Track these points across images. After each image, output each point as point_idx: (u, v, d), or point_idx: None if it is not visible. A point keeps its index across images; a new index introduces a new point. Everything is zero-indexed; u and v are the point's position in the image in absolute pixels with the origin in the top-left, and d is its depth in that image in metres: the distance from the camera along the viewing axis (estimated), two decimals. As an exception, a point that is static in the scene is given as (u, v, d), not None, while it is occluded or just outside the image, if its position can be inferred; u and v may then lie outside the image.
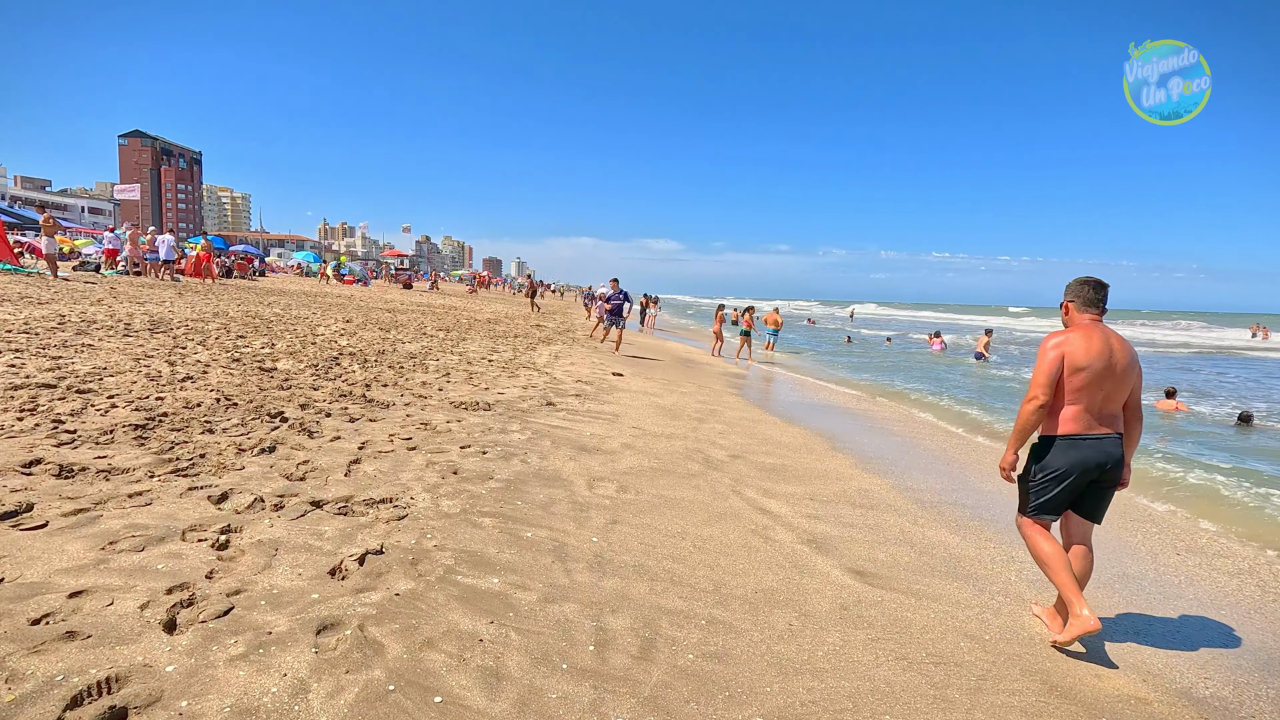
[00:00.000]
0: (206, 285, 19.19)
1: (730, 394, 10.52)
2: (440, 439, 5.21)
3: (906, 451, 7.30)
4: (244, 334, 9.30)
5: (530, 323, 20.33)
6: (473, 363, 9.69)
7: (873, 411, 10.07)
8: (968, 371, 17.54)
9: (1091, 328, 2.96)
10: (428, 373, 8.27)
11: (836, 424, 8.73)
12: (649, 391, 9.49)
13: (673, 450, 6.04)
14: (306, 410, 5.49)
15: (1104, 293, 3.04)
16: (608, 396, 8.47)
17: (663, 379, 11.19)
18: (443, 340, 12.16)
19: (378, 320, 14.42)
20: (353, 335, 11.00)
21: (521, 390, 7.98)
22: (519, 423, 6.18)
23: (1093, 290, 3.04)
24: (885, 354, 22.26)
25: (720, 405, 9.13)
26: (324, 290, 25.71)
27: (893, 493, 5.47)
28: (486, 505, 3.87)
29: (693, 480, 5.12)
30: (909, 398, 11.93)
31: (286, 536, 3.07)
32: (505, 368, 9.62)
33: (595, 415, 7.12)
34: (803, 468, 6.07)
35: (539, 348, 13.21)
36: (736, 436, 7.11)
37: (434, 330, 13.84)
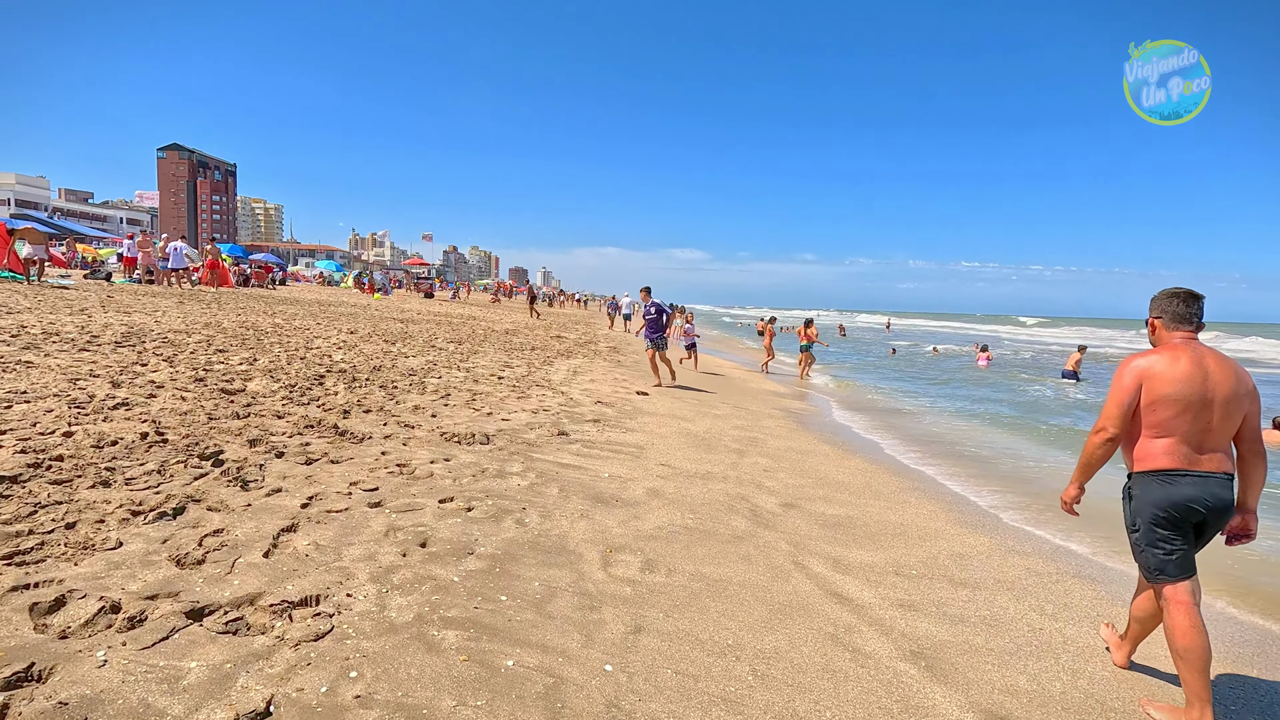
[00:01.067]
0: (214, 294, 18.51)
1: (771, 417, 9.27)
2: (416, 488, 4.07)
3: (1012, 498, 5.98)
4: (226, 347, 8.33)
5: (550, 334, 19.28)
6: (479, 380, 8.60)
7: (946, 437, 8.73)
8: (1056, 393, 15.09)
9: (1182, 348, 2.56)
10: (424, 394, 7.19)
11: (903, 455, 7.42)
12: (678, 414, 8.30)
13: (710, 498, 4.84)
14: (256, 447, 4.40)
15: (1198, 306, 2.63)
16: (630, 422, 7.30)
17: (693, 398, 9.99)
18: (451, 354, 11.12)
19: (385, 331, 13.47)
20: (351, 349, 10.00)
21: (530, 416, 6.84)
22: (521, 461, 5.03)
23: (1183, 303, 2.63)
24: (938, 368, 20.59)
25: (761, 431, 7.90)
26: (341, 299, 25.02)
27: (1004, 560, 4.19)
28: (455, 604, 2.72)
29: (740, 546, 3.91)
30: (999, 421, 10.47)
31: (115, 686, 1.94)
32: (515, 387, 8.51)
33: (616, 448, 5.95)
34: (874, 521, 4.82)
35: (556, 362, 12.10)
36: (786, 475, 5.89)
37: (444, 342, 12.83)
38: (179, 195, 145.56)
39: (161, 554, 2.76)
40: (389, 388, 7.21)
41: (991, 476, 6.76)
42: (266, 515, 3.32)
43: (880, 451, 7.64)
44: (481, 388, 8.10)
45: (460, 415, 6.39)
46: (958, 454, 7.81)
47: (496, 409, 6.92)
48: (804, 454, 6.96)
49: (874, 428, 9.27)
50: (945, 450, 8.00)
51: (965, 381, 16.83)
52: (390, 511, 3.62)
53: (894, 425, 9.58)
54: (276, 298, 21.10)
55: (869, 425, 9.47)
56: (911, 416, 10.64)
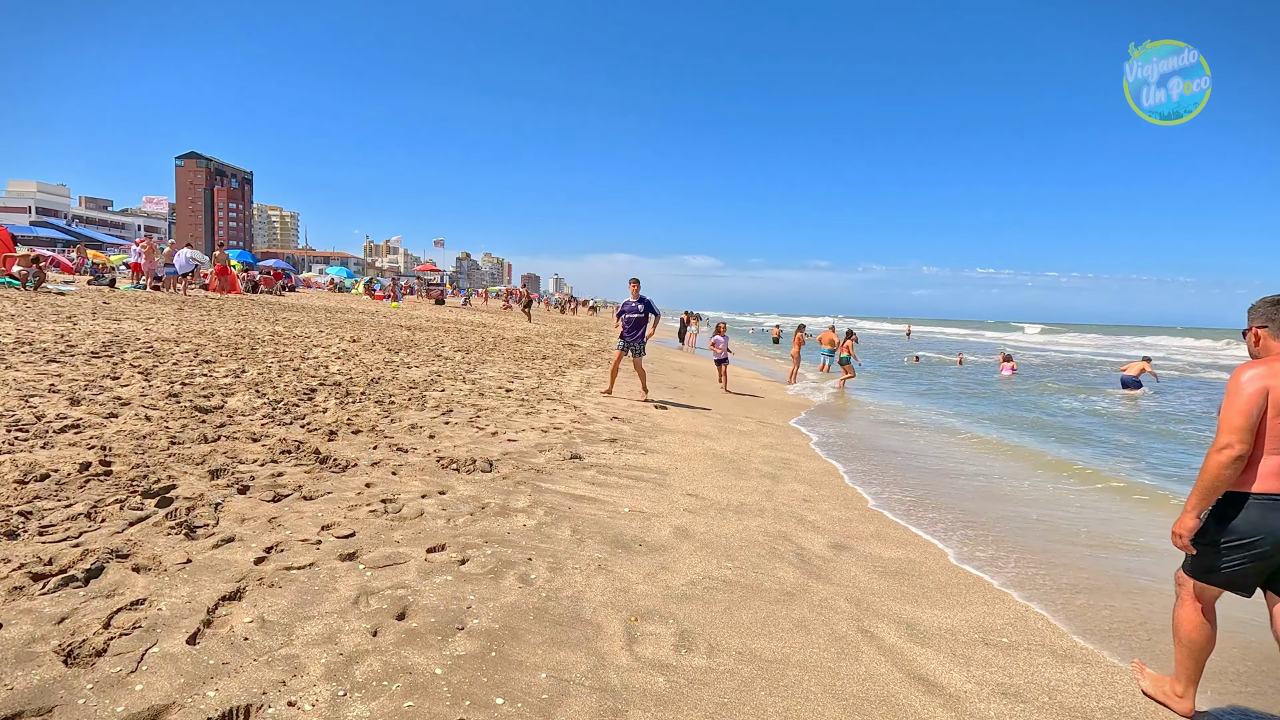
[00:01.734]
0: (218, 300, 18.06)
1: (800, 434, 8.54)
2: (402, 532, 3.40)
3: (1085, 535, 5.21)
4: (214, 358, 7.74)
5: (562, 341, 18.63)
6: (485, 394, 7.95)
7: (999, 469, 7.95)
8: (1112, 406, 14.11)
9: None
10: (424, 410, 6.54)
11: (965, 484, 6.66)
12: (701, 432, 7.60)
13: (748, 537, 4.14)
14: (217, 480, 3.76)
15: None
16: (650, 441, 6.61)
17: (715, 412, 9.29)
18: (458, 364, 10.49)
19: (391, 340, 12.87)
20: (351, 359, 9.39)
21: (540, 435, 6.17)
22: (529, 493, 4.36)
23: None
24: (965, 378, 19.68)
25: (791, 451, 7.17)
26: (350, 306, 24.55)
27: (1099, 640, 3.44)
28: (435, 712, 2.04)
29: (792, 606, 3.20)
30: (1044, 426, 9.69)
31: None
32: (524, 401, 7.84)
33: (635, 474, 5.25)
34: (939, 566, 4.09)
35: (568, 372, 11.44)
36: (828, 505, 5.17)
37: (451, 351, 12.21)
38: (196, 203, 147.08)
39: (51, 641, 2.10)
40: (385, 403, 6.57)
41: (1068, 513, 5.99)
42: (207, 576, 2.65)
43: (936, 480, 6.88)
44: (487, 402, 7.44)
45: (462, 436, 5.72)
46: (1033, 487, 7.04)
47: (503, 427, 6.26)
48: (844, 478, 6.23)
49: (917, 450, 8.50)
50: (1014, 482, 7.22)
51: (999, 396, 15.98)
52: (365, 567, 2.94)
53: (944, 445, 8.81)
54: (283, 304, 20.65)
55: (916, 446, 8.71)
56: (964, 436, 9.85)
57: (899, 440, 8.84)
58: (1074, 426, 11.03)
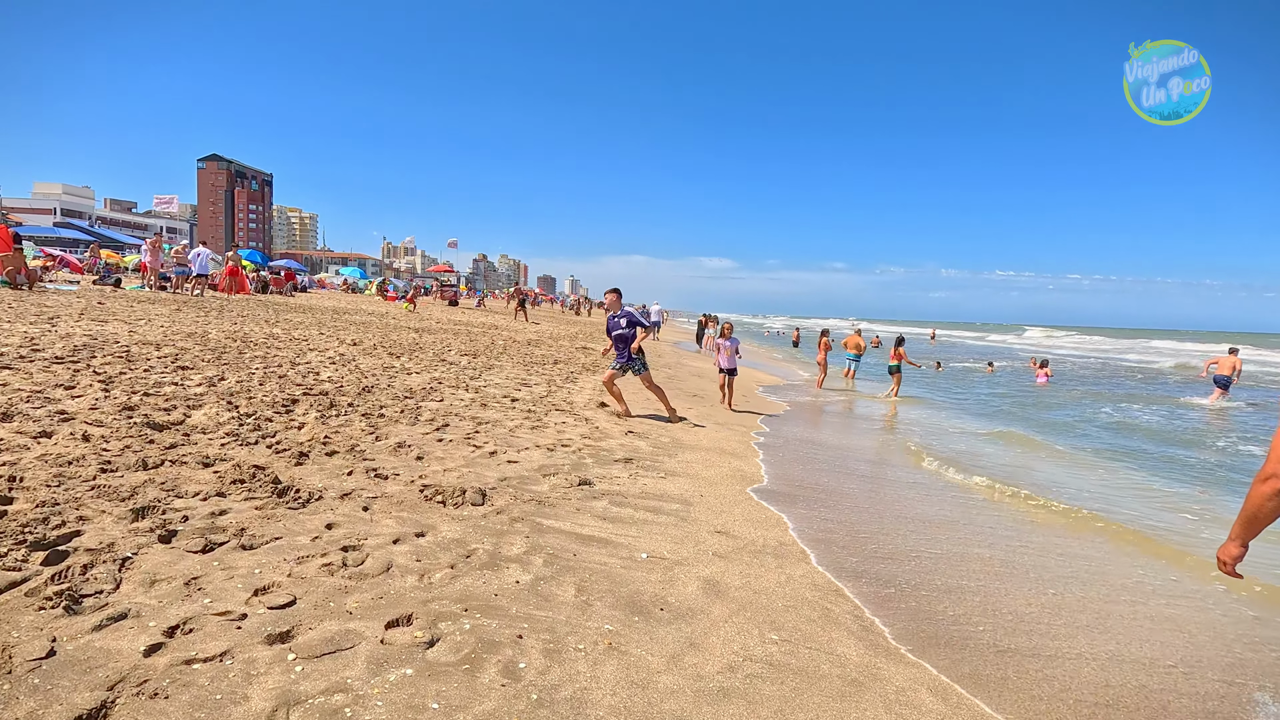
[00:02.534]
0: (223, 301, 17.56)
1: (841, 449, 7.71)
2: (358, 597, 2.66)
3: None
4: (194, 364, 7.09)
5: (576, 345, 17.90)
6: (488, 404, 7.22)
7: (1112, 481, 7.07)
8: (1198, 418, 12.92)
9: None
10: (416, 423, 5.82)
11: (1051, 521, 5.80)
12: (727, 449, 6.81)
13: (795, 592, 3.36)
14: (140, 521, 3.04)
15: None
16: (670, 461, 5.84)
17: (740, 425, 8.49)
18: (463, 369, 9.79)
19: (394, 343, 12.21)
20: (346, 364, 8.72)
21: (545, 454, 5.42)
22: (526, 533, 3.60)
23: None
24: (1003, 386, 18.38)
25: (833, 466, 6.36)
26: (360, 307, 24.02)
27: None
28: None
29: (860, 702, 2.42)
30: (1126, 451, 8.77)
31: None
32: (530, 412, 7.10)
33: (654, 504, 4.48)
34: (1060, 653, 3.27)
35: (581, 379, 10.69)
36: (892, 541, 4.36)
37: (458, 355, 11.52)
38: (217, 205, 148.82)
39: None
40: (374, 416, 5.86)
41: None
42: (67, 681, 1.92)
43: (1003, 519, 6.03)
44: (489, 414, 6.71)
45: (455, 456, 4.99)
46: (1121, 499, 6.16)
47: (504, 445, 5.51)
48: (899, 504, 5.41)
49: (1005, 474, 7.64)
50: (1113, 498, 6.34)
51: (1045, 404, 14.98)
52: (297, 657, 2.20)
53: (1025, 466, 7.93)
54: (291, 305, 20.14)
55: (990, 469, 7.85)
56: (1026, 453, 8.96)
57: (975, 458, 7.97)
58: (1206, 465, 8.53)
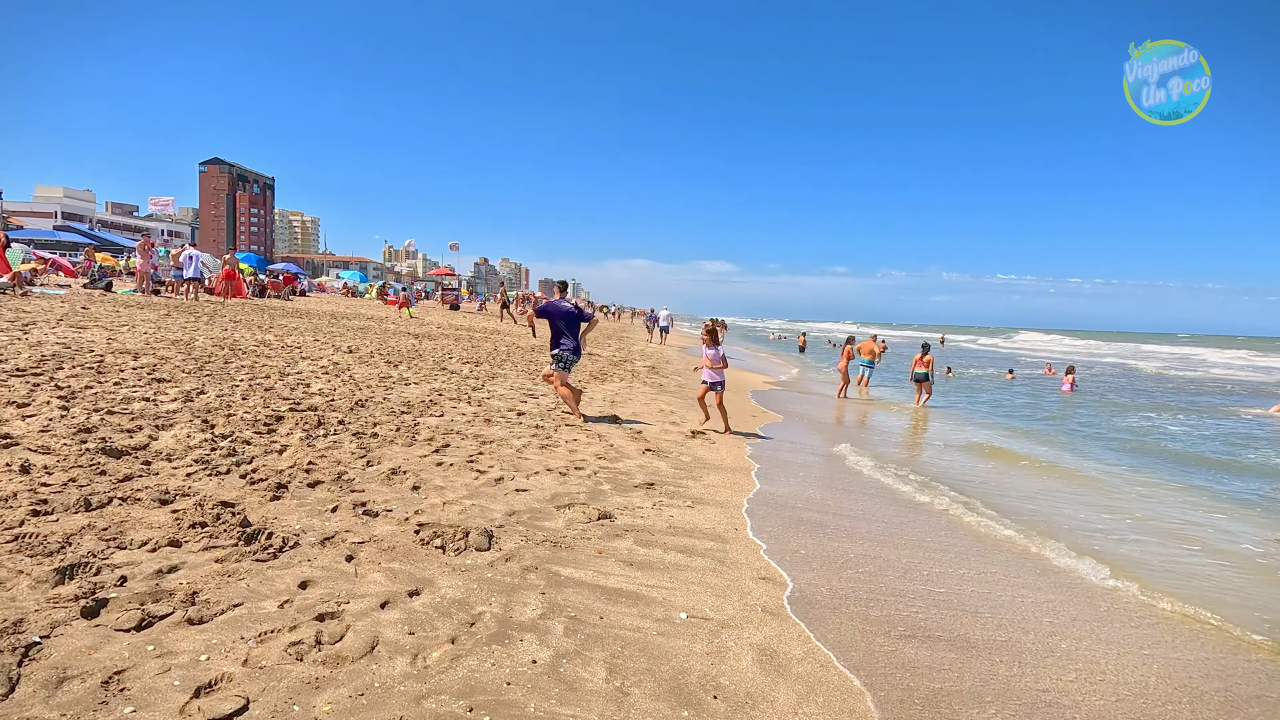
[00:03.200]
0: (217, 305, 17.00)
1: (873, 473, 7.11)
2: (330, 695, 2.06)
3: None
4: (172, 375, 6.51)
5: (584, 350, 17.31)
6: (492, 419, 6.63)
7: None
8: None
9: None
10: (413, 443, 5.23)
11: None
12: (752, 467, 6.21)
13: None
14: (62, 586, 2.45)
15: None
16: (694, 485, 5.25)
17: (770, 442, 7.89)
18: (464, 379, 9.21)
19: (393, 350, 11.64)
20: (340, 374, 8.15)
21: (558, 480, 4.82)
22: (541, 588, 3.00)
23: None
24: (1029, 394, 17.28)
25: (875, 497, 5.76)
26: (359, 312, 23.46)
27: None
28: None
29: None
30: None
31: None
32: (539, 429, 6.52)
33: (685, 542, 3.89)
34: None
35: (590, 388, 10.11)
36: (988, 606, 3.76)
37: (459, 363, 10.94)
38: (219, 208, 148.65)
39: None
40: (366, 435, 5.27)
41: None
42: None
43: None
44: (494, 431, 6.12)
45: (457, 485, 4.40)
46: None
47: (510, 469, 4.92)
48: (976, 549, 4.79)
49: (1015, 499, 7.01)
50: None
51: (1100, 422, 14.32)
52: (238, 803, 1.61)
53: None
54: (288, 310, 19.58)
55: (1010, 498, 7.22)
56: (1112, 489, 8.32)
57: (983, 473, 7.34)
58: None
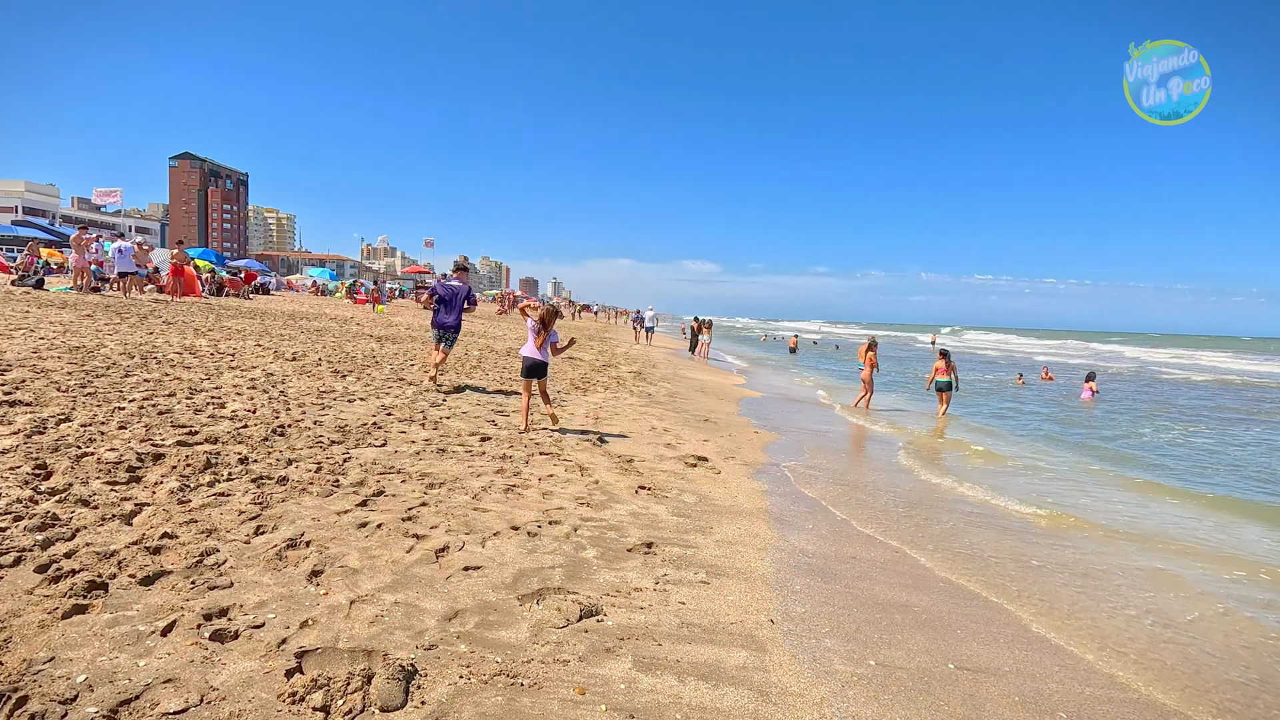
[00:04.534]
0: (161, 304, 15.44)
1: (949, 506, 5.90)
2: None
3: None
4: (35, 397, 5.14)
5: (561, 356, 15.97)
6: (448, 449, 5.33)
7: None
8: None
9: None
10: (335, 492, 3.93)
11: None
12: (771, 508, 4.99)
13: None
14: None
15: None
16: (703, 540, 4.01)
17: (768, 464, 6.68)
18: (423, 392, 7.89)
19: (346, 356, 10.25)
20: (272, 389, 6.79)
21: (524, 545, 3.55)
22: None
23: None
24: (1050, 405, 15.31)
25: (918, 537, 4.54)
26: (324, 311, 21.89)
27: None
28: None
29: None
30: None
31: None
32: (505, 459, 5.24)
33: (707, 656, 2.63)
34: None
35: (570, 399, 8.81)
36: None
37: (422, 370, 9.60)
38: (190, 204, 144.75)
39: None
40: (271, 481, 3.96)
41: None
42: None
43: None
44: (447, 466, 4.83)
45: (378, 564, 3.11)
46: None
47: (460, 529, 3.64)
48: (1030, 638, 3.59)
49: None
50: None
51: (1152, 436, 13.26)
52: None
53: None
54: (243, 309, 18.02)
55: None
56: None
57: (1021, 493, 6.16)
58: None
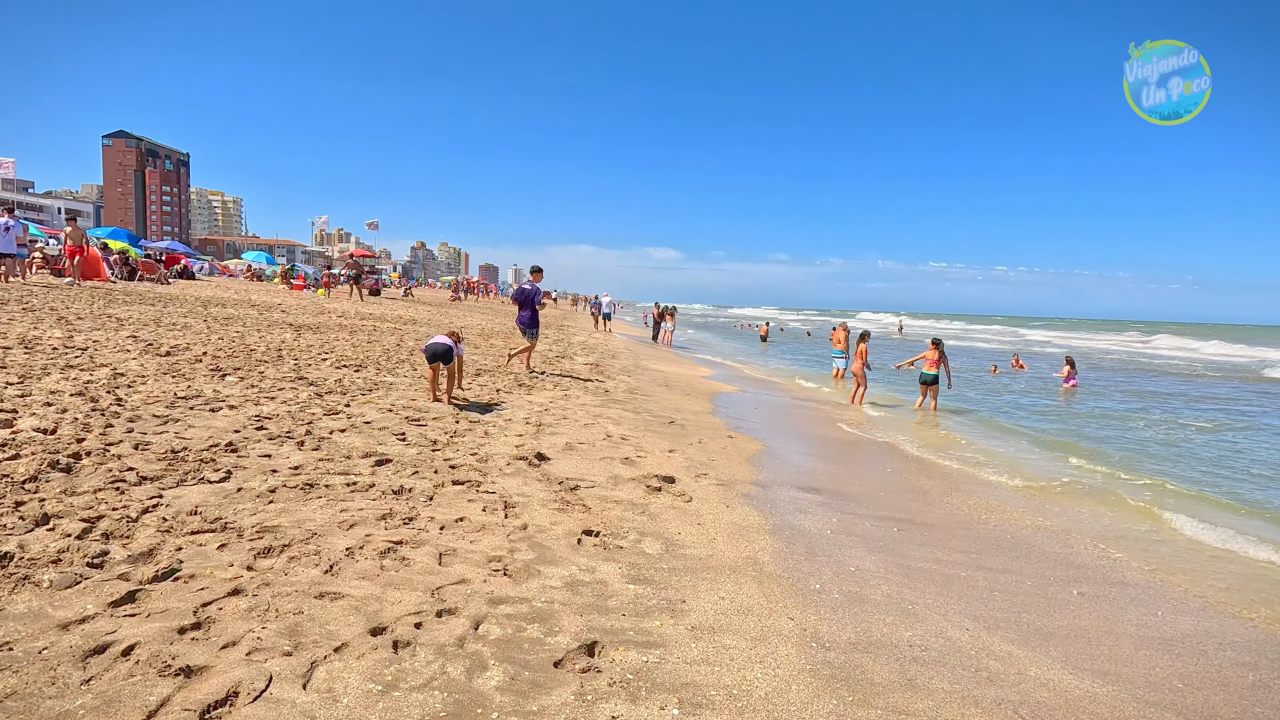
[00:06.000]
0: (40, 289, 13.38)
1: (981, 541, 4.65)
2: None
3: None
4: None
5: (509, 344, 14.44)
6: (326, 478, 3.87)
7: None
8: None
9: None
10: (88, 579, 2.47)
11: None
12: (761, 557, 3.66)
13: None
14: None
15: None
16: (674, 628, 2.66)
17: (752, 484, 5.36)
18: (324, 393, 6.34)
19: (240, 349, 8.57)
20: (105, 397, 5.19)
21: (385, 667, 2.14)
22: None
23: None
24: (1034, 394, 14.84)
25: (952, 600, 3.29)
26: (250, 298, 19.81)
27: None
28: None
29: None
30: None
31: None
32: (403, 495, 3.80)
33: None
34: None
35: (510, 401, 7.35)
36: None
37: (334, 366, 8.01)
38: (126, 185, 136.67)
39: None
40: (17, 565, 2.47)
41: None
42: None
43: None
44: (309, 511, 3.38)
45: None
46: None
47: (277, 644, 2.22)
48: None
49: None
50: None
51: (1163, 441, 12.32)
52: None
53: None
54: (147, 295, 15.94)
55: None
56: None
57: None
58: None
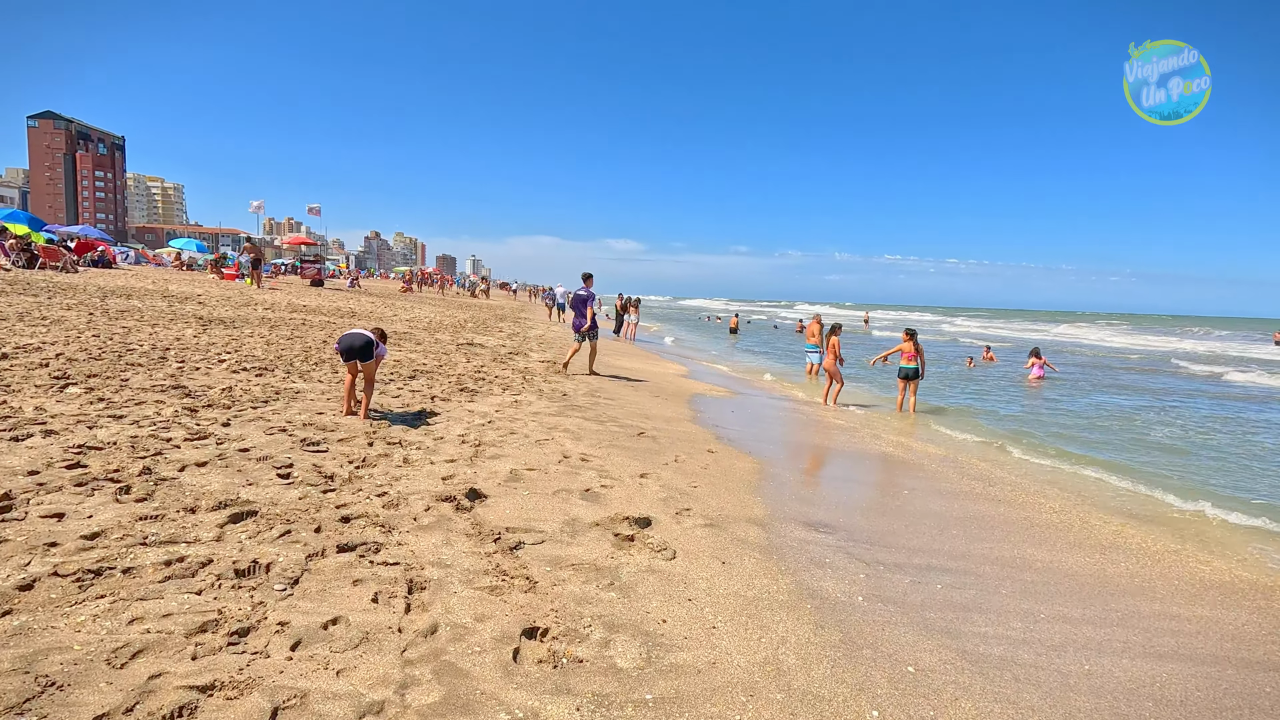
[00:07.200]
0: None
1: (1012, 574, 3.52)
2: None
3: None
4: None
5: (458, 339, 12.97)
6: (115, 564, 2.52)
7: None
8: None
9: None
10: None
11: None
12: (781, 666, 2.45)
13: None
14: None
15: None
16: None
17: (755, 524, 4.14)
18: (206, 405, 4.90)
19: (114, 350, 7.00)
20: None
21: None
22: None
23: None
24: (1007, 387, 14.14)
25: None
26: (167, 289, 17.78)
27: None
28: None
29: None
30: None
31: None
32: (245, 581, 2.48)
33: None
34: None
35: (449, 412, 5.97)
36: None
37: (230, 370, 6.51)
38: (55, 170, 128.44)
39: None
40: None
41: None
42: None
43: None
44: (62, 635, 2.03)
45: None
46: None
47: None
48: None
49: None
50: None
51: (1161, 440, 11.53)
52: None
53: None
54: (35, 285, 13.94)
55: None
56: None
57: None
58: None
